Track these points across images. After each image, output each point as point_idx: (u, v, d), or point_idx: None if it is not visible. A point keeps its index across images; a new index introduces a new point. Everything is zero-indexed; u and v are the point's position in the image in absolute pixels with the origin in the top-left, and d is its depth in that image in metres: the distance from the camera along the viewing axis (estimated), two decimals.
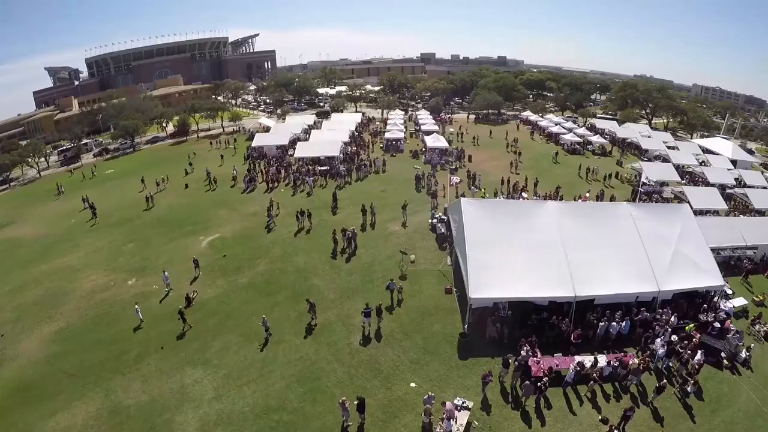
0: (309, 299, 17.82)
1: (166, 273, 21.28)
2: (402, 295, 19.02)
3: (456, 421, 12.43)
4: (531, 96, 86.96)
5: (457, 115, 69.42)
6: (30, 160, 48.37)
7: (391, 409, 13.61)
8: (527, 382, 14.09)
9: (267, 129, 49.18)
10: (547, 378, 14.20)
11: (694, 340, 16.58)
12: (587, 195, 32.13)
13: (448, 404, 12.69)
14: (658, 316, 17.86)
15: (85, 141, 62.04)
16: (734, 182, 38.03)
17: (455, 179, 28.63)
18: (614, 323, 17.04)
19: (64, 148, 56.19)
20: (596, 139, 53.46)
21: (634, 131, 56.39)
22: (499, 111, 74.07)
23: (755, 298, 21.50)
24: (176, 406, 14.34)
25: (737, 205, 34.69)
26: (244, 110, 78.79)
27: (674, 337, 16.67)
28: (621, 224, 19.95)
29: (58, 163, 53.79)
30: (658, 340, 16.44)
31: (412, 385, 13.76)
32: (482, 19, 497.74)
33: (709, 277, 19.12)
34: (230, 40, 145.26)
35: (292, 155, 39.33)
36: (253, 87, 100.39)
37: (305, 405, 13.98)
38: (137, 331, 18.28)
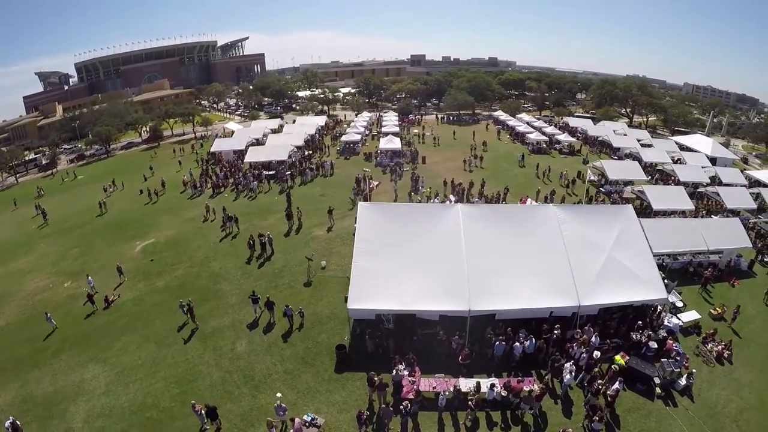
0: (182, 303, 18.53)
1: (90, 277, 22.20)
2: (304, 321, 17.90)
3: None
4: (513, 96, 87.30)
5: (430, 117, 69.63)
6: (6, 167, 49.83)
7: (250, 417, 13.84)
8: (385, 404, 13.14)
9: (231, 134, 50.04)
10: (412, 401, 13.13)
11: (613, 366, 14.52)
12: (528, 197, 30.89)
13: (297, 420, 12.59)
14: (577, 335, 15.80)
15: (64, 147, 63.86)
16: (708, 180, 36.85)
17: (374, 183, 28.08)
18: (517, 342, 15.25)
19: (31, 158, 56.79)
20: (564, 137, 53.13)
21: (609, 129, 55.78)
22: (473, 111, 74.46)
23: (713, 311, 19.50)
24: (72, 398, 15.48)
25: (709, 204, 33.48)
26: (221, 114, 79.81)
27: (597, 356, 14.91)
28: (543, 229, 18.04)
29: (36, 170, 55.42)
30: (568, 364, 14.50)
31: (278, 395, 13.76)
32: (479, 21, 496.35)
33: (649, 289, 16.99)
34: (220, 44, 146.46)
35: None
36: (240, 90, 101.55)
37: (175, 405, 14.56)
38: (58, 331, 19.37)
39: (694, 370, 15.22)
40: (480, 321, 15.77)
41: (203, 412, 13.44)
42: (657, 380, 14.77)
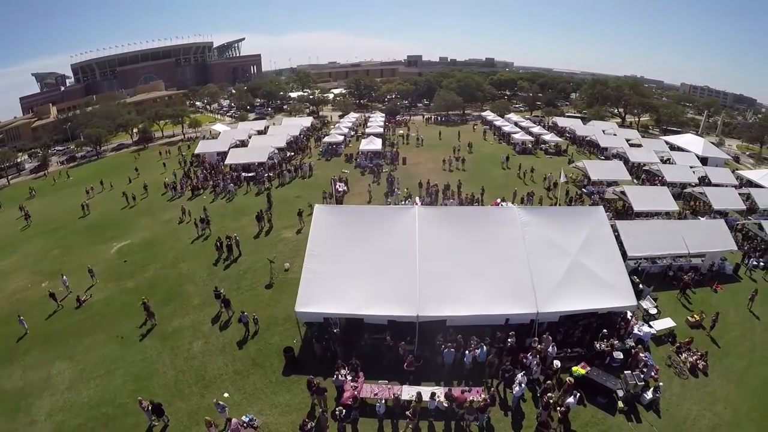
0: (144, 300, 19.19)
1: (65, 277, 22.88)
2: (258, 326, 17.95)
3: None
4: (505, 96, 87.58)
5: (419, 117, 69.94)
6: None
7: (197, 416, 14.20)
8: (322, 409, 13.26)
9: (217, 135, 50.54)
10: (350, 407, 13.04)
11: (568, 378, 13.96)
12: (503, 199, 30.15)
13: (234, 421, 12.94)
14: (534, 344, 15.16)
15: (56, 148, 64.67)
16: (696, 181, 36.34)
17: (340, 186, 27.85)
18: (468, 351, 14.84)
19: (16, 161, 56.90)
20: (550, 137, 53.20)
21: (598, 129, 55.46)
22: (463, 111, 74.81)
23: (690, 318, 18.59)
24: (39, 392, 16.15)
25: (696, 205, 32.94)
26: (212, 116, 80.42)
27: (556, 366, 14.31)
28: (504, 232, 17.47)
29: (28, 171, 56.28)
30: (519, 375, 13.91)
31: (226, 395, 14.28)
32: (479, 22, 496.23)
33: (617, 296, 16.19)
34: (217, 45, 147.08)
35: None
36: (234, 91, 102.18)
37: (129, 402, 15.02)
38: (32, 328, 19.95)
39: (661, 384, 14.26)
40: (431, 327, 15.40)
41: (149, 408, 13.93)
42: (620, 393, 13.87)
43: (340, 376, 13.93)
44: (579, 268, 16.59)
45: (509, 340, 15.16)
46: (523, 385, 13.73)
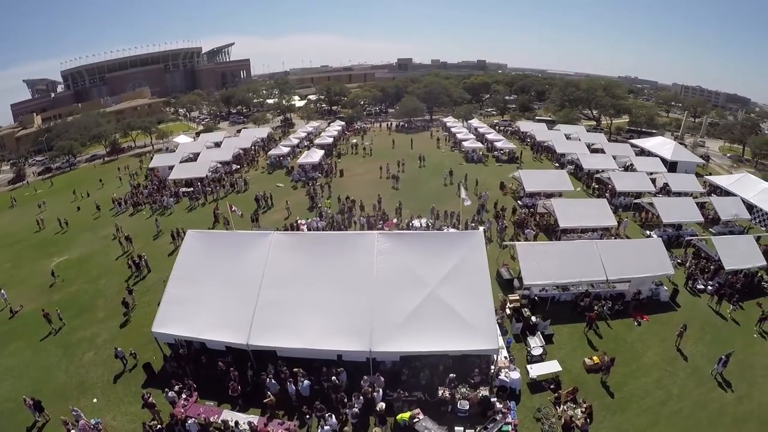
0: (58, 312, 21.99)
1: (2, 291, 25.60)
2: (137, 360, 18.44)
3: None
4: (477, 100, 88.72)
5: (385, 124, 71.23)
6: None
7: (69, 416, 16.15)
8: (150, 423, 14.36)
9: (176, 148, 52.95)
10: (164, 425, 14.19)
11: (376, 428, 13.26)
12: (394, 220, 29.31)
13: (82, 422, 15.12)
14: (363, 383, 14.70)
15: (36, 159, 68.01)
16: (654, 189, 34.40)
17: (236, 210, 27.41)
18: (291, 383, 14.88)
19: None
20: (502, 144, 53.83)
21: (560, 134, 54.78)
22: (431, 117, 76.41)
23: (588, 360, 16.26)
24: None
25: (647, 218, 30.89)
26: (190, 124, 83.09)
27: (381, 408, 13.84)
28: (357, 260, 16.87)
29: (5, 182, 59.68)
30: (328, 414, 13.69)
31: (95, 400, 16.68)
32: (478, 23, 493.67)
33: (474, 337, 14.81)
34: (207, 50, 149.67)
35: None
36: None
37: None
38: None
39: None
40: (266, 355, 15.76)
41: (32, 404, 16.39)
42: None
43: (170, 393, 15.37)
44: (434, 303, 15.49)
45: (333, 377, 14.90)
46: (326, 427, 13.59)
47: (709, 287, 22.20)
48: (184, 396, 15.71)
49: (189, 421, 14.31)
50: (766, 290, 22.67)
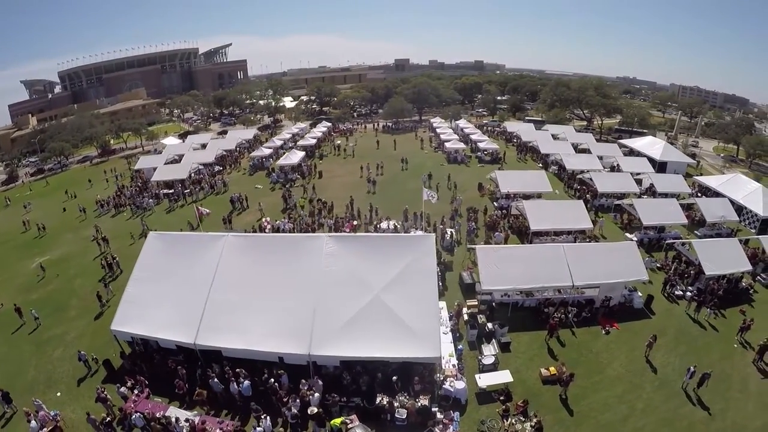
0: (32, 311, 22.96)
1: None
2: (99, 364, 18.84)
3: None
4: (467, 101, 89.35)
5: (369, 125, 71.88)
6: None
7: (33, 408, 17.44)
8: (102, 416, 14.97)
9: (162, 149, 53.93)
10: (114, 418, 14.84)
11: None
12: (355, 222, 29.40)
13: (42, 413, 16.15)
14: (302, 386, 14.86)
15: (29, 160, 69.25)
16: (637, 191, 33.77)
17: (204, 211, 27.42)
18: (234, 383, 15.20)
19: None
20: (485, 145, 54.39)
21: (547, 134, 54.91)
22: (420, 118, 77.02)
23: (544, 371, 15.38)
24: None
25: (628, 219, 30.26)
26: (183, 126, 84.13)
27: (312, 411, 13.89)
28: (305, 262, 17.17)
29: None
30: (263, 416, 13.82)
31: (58, 394, 17.78)
32: (477, 24, 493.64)
33: (415, 344, 14.58)
34: (204, 51, 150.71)
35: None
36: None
37: None
38: None
39: None
40: (214, 356, 16.27)
41: (0, 396, 17.54)
42: None
43: (122, 388, 16.28)
44: (378, 307, 15.43)
45: (272, 379, 15.26)
46: (258, 428, 13.73)
47: (688, 293, 20.88)
48: (135, 392, 16.51)
49: (134, 416, 15.00)
50: (752, 297, 21.26)
